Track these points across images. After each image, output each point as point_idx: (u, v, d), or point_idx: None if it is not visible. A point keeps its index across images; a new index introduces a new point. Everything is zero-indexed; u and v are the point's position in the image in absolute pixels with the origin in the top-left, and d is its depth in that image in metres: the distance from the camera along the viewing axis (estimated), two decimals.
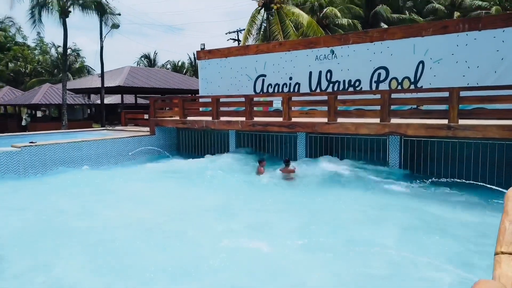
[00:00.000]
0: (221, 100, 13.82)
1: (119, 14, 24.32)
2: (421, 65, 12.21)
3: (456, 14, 29.89)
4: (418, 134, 9.97)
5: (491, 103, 9.14)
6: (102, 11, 21.91)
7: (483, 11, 27.98)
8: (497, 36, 10.76)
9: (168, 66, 57.48)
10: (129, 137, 14.00)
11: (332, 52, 14.01)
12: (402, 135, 10.22)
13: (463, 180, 9.36)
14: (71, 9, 21.76)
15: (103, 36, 24.58)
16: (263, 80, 15.84)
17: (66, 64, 24.41)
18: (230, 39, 38.40)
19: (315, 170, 10.60)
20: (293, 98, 12.22)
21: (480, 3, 30.13)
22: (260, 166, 11.14)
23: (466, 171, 10.17)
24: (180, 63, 57.59)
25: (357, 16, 29.47)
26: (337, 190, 9.12)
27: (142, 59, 56.43)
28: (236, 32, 38.01)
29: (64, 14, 21.34)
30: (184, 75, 43.87)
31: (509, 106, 9.18)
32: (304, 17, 25.25)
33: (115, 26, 23.30)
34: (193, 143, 15.51)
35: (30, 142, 11.77)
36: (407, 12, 32.19)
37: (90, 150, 12.63)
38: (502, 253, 2.66)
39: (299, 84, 14.89)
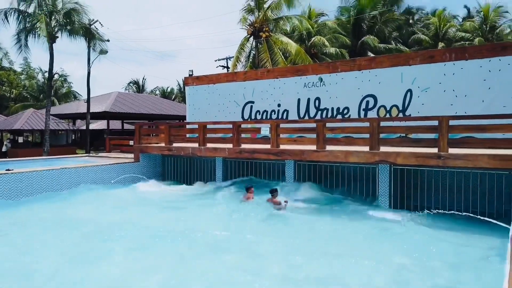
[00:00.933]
0: (208, 126, 13.56)
1: (108, 40, 24.28)
2: (409, 93, 12.19)
3: (441, 44, 30.66)
4: (408, 163, 9.78)
5: (480, 132, 9.03)
6: (90, 37, 21.80)
7: (466, 42, 28.76)
8: (484, 66, 10.83)
9: (157, 92, 57.51)
10: (111, 164, 13.53)
11: (321, 79, 13.98)
12: (392, 163, 10.01)
13: (454, 212, 9.12)
14: (58, 34, 21.61)
15: (90, 62, 24.42)
16: (251, 106, 15.68)
17: (51, 89, 24.01)
18: (220, 66, 38.59)
19: (303, 200, 10.26)
20: (281, 125, 12.01)
21: (463, 34, 31.03)
22: (247, 193, 10.76)
23: (457, 201, 9.96)
24: (169, 89, 57.72)
25: (345, 46, 29.99)
26: (324, 222, 8.75)
27: (131, 84, 56.41)
28: (225, 60, 38.29)
29: (51, 39, 21.17)
30: (173, 101, 43.78)
31: (498, 135, 9.10)
32: (293, 46, 25.55)
33: (103, 52, 23.18)
34: (179, 171, 15.09)
35: (6, 170, 11.22)
36: (393, 42, 32.93)
37: (70, 178, 12.10)
38: None
39: (287, 111, 14.75)
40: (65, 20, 21.02)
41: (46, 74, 33.77)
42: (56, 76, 42.21)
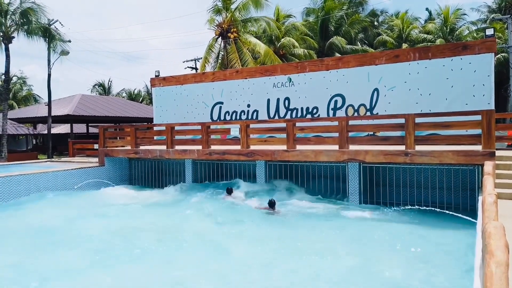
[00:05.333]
0: (176, 128, 13.23)
1: (69, 41, 23.28)
2: (376, 92, 12.38)
3: (404, 45, 31.58)
4: (377, 161, 9.89)
5: (445, 129, 9.25)
6: (50, 37, 20.80)
7: (428, 43, 29.77)
8: (446, 65, 11.14)
9: (124, 94, 56.06)
10: (74, 169, 12.91)
11: (290, 79, 13.97)
12: (361, 161, 10.10)
13: (423, 207, 9.30)
14: (15, 34, 20.49)
15: (51, 63, 23.35)
16: (220, 107, 15.46)
17: (8, 92, 22.75)
18: (188, 67, 38.12)
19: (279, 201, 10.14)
20: (251, 126, 11.88)
21: (425, 36, 32.13)
22: (227, 194, 10.65)
23: (424, 197, 10.17)
24: (136, 91, 56.39)
25: (312, 47, 30.30)
26: (303, 221, 8.70)
27: (96, 87, 54.66)
28: (193, 61, 37.85)
29: (6, 39, 20.05)
30: (140, 103, 42.77)
31: (462, 131, 9.36)
32: (261, 46, 25.52)
33: (65, 53, 22.18)
34: (147, 174, 14.63)
35: None
36: (359, 44, 33.64)
37: (29, 184, 11.44)
38: None
39: (257, 112, 14.65)
40: (21, 20, 19.96)
41: (3, 77, 32.09)
42: (14, 79, 40.28)
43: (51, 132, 25.91)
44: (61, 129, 38.94)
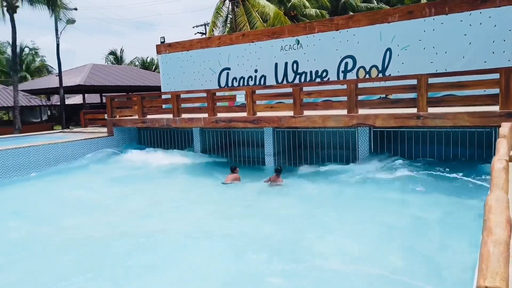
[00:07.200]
0: (182, 96, 12.98)
1: (75, 9, 22.83)
2: (388, 52, 11.73)
3: (423, 0, 29.83)
4: (387, 125, 9.49)
5: (460, 89, 8.72)
6: (54, 5, 20.38)
7: None
8: (464, 20, 10.36)
9: (137, 63, 55.61)
10: (84, 139, 12.94)
11: (298, 42, 13.37)
12: (371, 126, 9.72)
13: (438, 173, 8.93)
14: (19, 3, 20.15)
15: (58, 32, 23.05)
16: (228, 73, 15.05)
17: (16, 64, 22.75)
18: (198, 32, 37.33)
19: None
20: (257, 91, 11.52)
21: None
22: (232, 173, 9.98)
23: (438, 161, 9.78)
24: (149, 60, 55.81)
25: (325, 7, 28.93)
26: (318, 190, 8.56)
27: (109, 56, 54.28)
28: (203, 25, 36.95)
29: (11, 9, 19.75)
30: (153, 72, 42.40)
31: (478, 92, 8.80)
32: (271, 8, 24.48)
33: (70, 21, 21.79)
34: (156, 143, 14.58)
35: None
36: (375, 1, 31.92)
37: (39, 155, 11.54)
38: (486, 287, 2.03)
39: (265, 77, 14.20)
40: None
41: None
42: (26, 50, 40.28)
43: (66, 103, 26.07)
44: (77, 99, 39.16)
